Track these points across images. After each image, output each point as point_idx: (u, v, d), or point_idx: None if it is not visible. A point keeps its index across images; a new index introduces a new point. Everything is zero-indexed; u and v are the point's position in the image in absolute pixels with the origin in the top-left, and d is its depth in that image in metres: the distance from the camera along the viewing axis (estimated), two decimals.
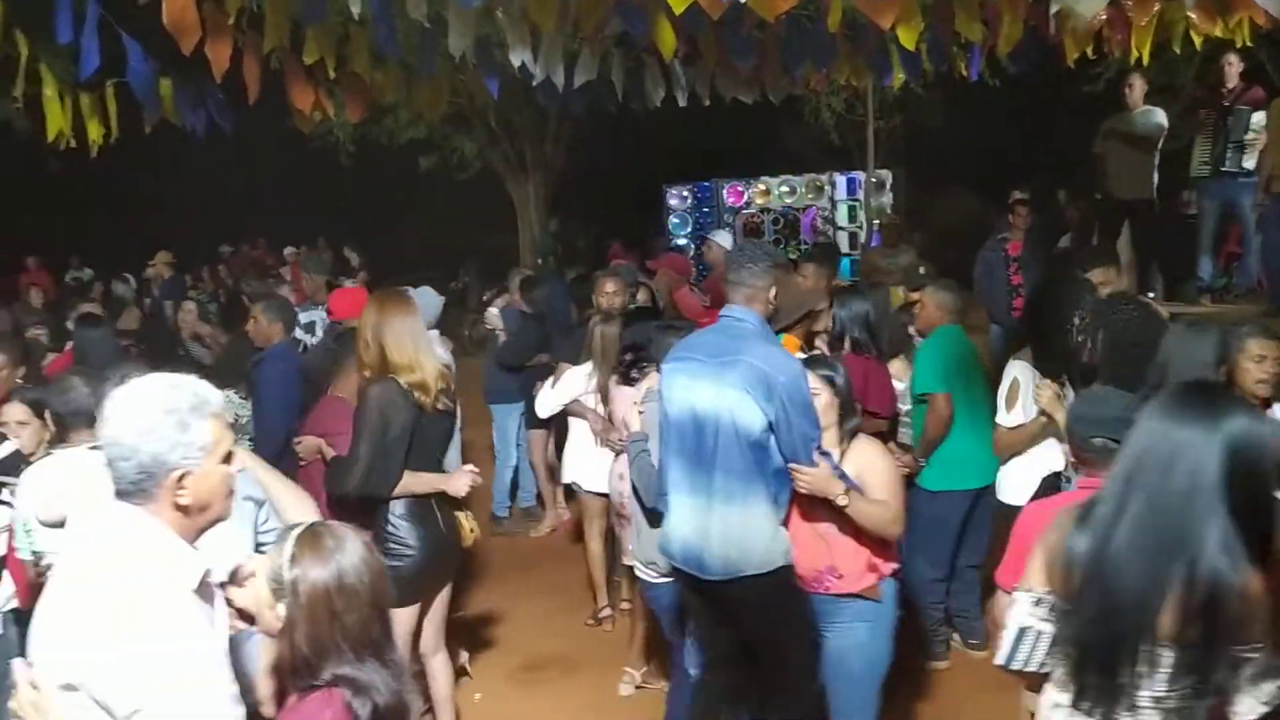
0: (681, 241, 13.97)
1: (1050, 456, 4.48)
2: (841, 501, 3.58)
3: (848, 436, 3.83)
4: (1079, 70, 7.59)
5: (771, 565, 3.61)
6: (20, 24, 5.75)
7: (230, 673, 2.08)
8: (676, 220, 14.15)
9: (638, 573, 4.74)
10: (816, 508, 3.68)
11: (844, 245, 13.13)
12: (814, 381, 3.71)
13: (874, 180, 13.27)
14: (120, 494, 2.10)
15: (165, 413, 2.07)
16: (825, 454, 3.63)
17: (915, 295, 5.64)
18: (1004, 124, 17.06)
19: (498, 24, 6.76)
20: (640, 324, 5.72)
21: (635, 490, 4.40)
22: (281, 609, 2.16)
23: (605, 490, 5.84)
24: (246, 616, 2.27)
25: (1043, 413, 4.35)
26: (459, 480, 4.16)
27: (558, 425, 6.78)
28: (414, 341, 4.16)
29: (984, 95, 12.65)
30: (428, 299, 6.71)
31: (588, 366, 5.95)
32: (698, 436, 3.64)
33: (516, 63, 6.20)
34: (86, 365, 5.00)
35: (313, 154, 15.98)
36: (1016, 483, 4.66)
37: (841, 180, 14.03)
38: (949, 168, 17.33)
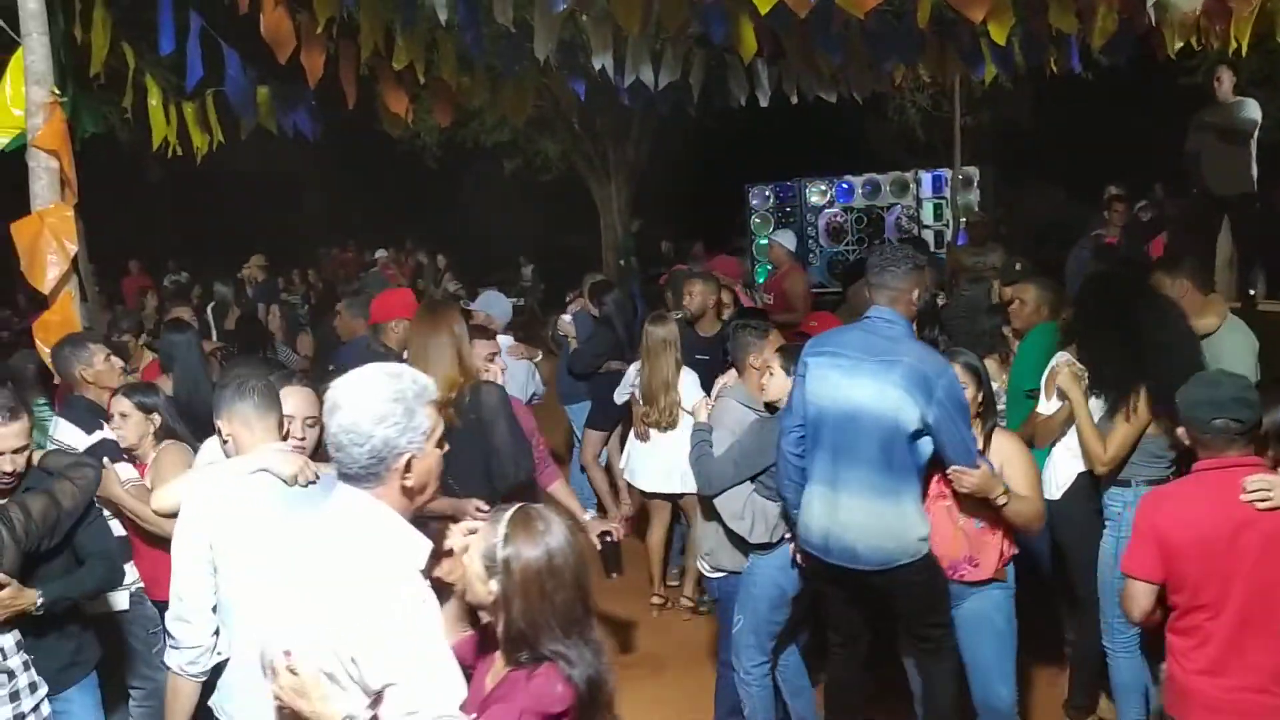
0: (764, 241, 13.94)
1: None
2: (1001, 501, 3.71)
3: (987, 430, 3.95)
4: (1174, 62, 7.36)
5: (922, 553, 3.74)
6: (127, 38, 5.98)
7: None
8: (758, 220, 14.10)
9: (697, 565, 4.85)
10: (966, 503, 3.80)
11: (930, 244, 12.92)
12: (961, 375, 3.79)
13: (960, 177, 13.05)
14: (348, 478, 2.24)
15: (394, 400, 2.21)
16: (981, 455, 3.75)
17: (1009, 292, 5.52)
18: (1095, 118, 16.62)
19: (581, 27, 6.84)
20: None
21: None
22: (494, 585, 2.26)
23: (662, 489, 6.01)
24: (443, 588, 2.40)
25: (1061, 395, 4.32)
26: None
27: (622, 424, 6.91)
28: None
29: (1074, 89, 12.35)
30: (498, 303, 6.78)
31: (637, 364, 6.08)
32: (853, 432, 3.73)
33: (599, 66, 6.26)
34: (171, 370, 5.14)
35: (400, 158, 16.29)
36: (1061, 479, 4.57)
37: (927, 178, 13.80)
38: (1038, 163, 16.94)
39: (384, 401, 2.20)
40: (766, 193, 14.19)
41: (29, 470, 3.33)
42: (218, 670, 3.05)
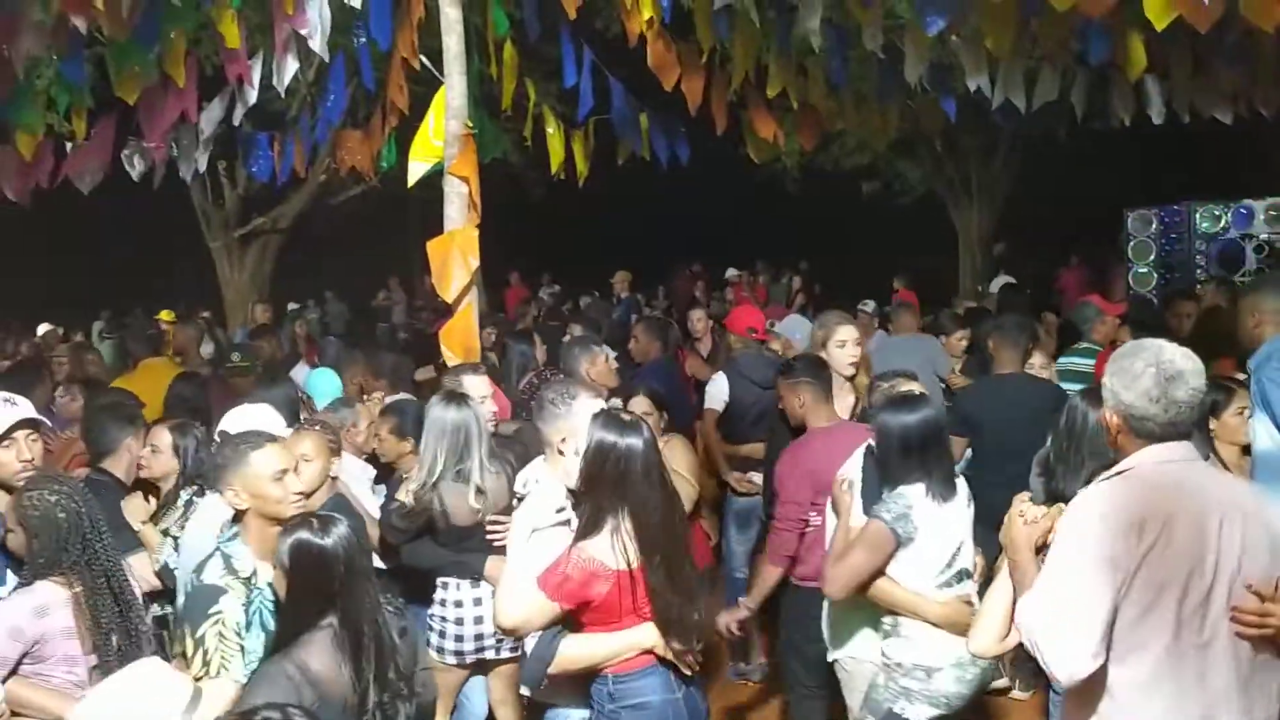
0: (1143, 270, 12.89)
1: None
2: None
3: None
4: None
5: None
6: (529, 73, 6.65)
7: None
8: (1137, 247, 13.05)
9: None
10: None
11: None
12: None
13: None
14: None
15: None
16: None
17: None
18: None
19: (951, 49, 6.71)
20: None
21: None
22: None
23: None
24: None
25: None
26: None
27: None
28: None
29: None
30: (800, 328, 6.72)
31: None
32: None
33: (973, 86, 6.12)
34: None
35: (760, 181, 16.67)
36: None
37: None
38: None
39: None
40: (1149, 217, 13.11)
41: None
42: None
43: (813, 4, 5.50)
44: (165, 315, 11.59)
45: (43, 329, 10.80)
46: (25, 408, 3.61)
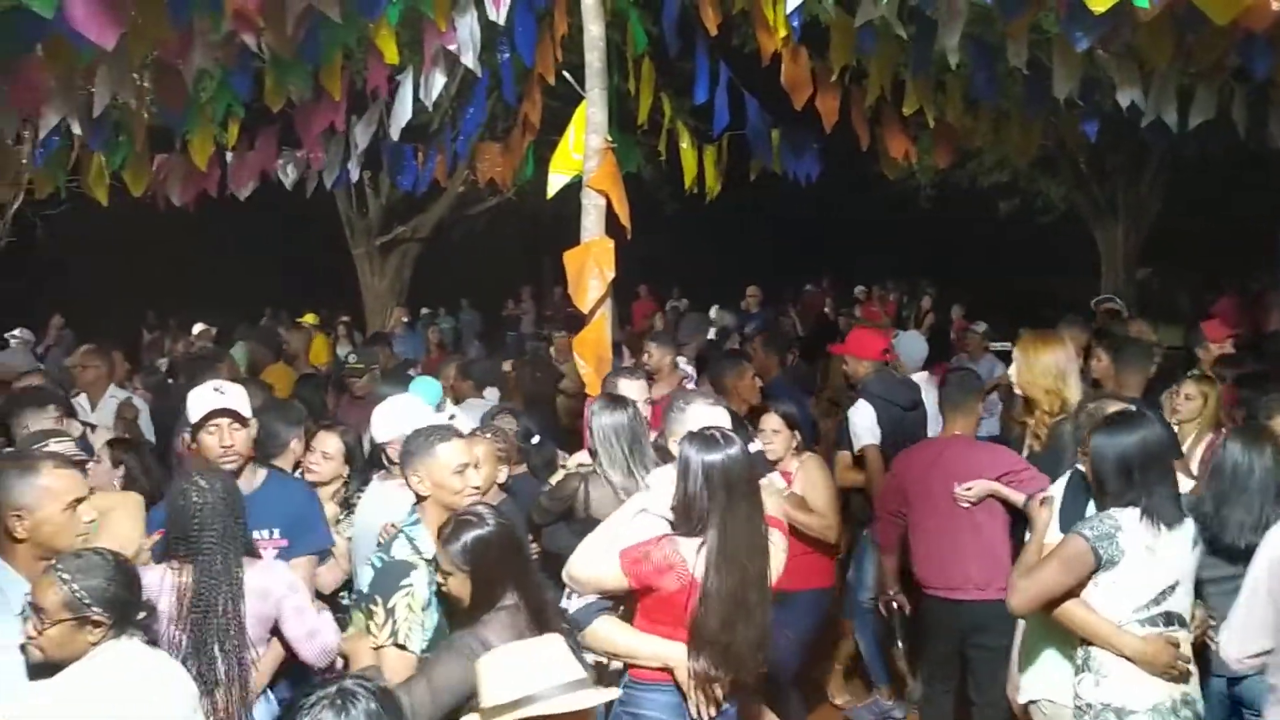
0: None
1: None
2: None
3: None
4: None
5: None
6: (664, 89, 6.73)
7: None
8: None
9: None
10: None
11: None
12: None
13: None
14: None
15: None
16: None
17: None
18: None
19: (1100, 64, 6.51)
20: None
21: None
22: None
23: None
24: None
25: None
26: None
27: None
28: None
29: None
30: (914, 344, 6.59)
31: None
32: None
33: (1125, 103, 5.92)
34: None
35: (892, 198, 16.43)
36: None
37: None
38: None
39: None
40: None
41: None
42: None
43: (954, 19, 5.39)
44: (309, 318, 12.10)
45: (197, 328, 11.38)
46: (234, 396, 3.84)
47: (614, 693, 2.88)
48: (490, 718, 2.40)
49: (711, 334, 9.93)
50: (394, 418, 4.22)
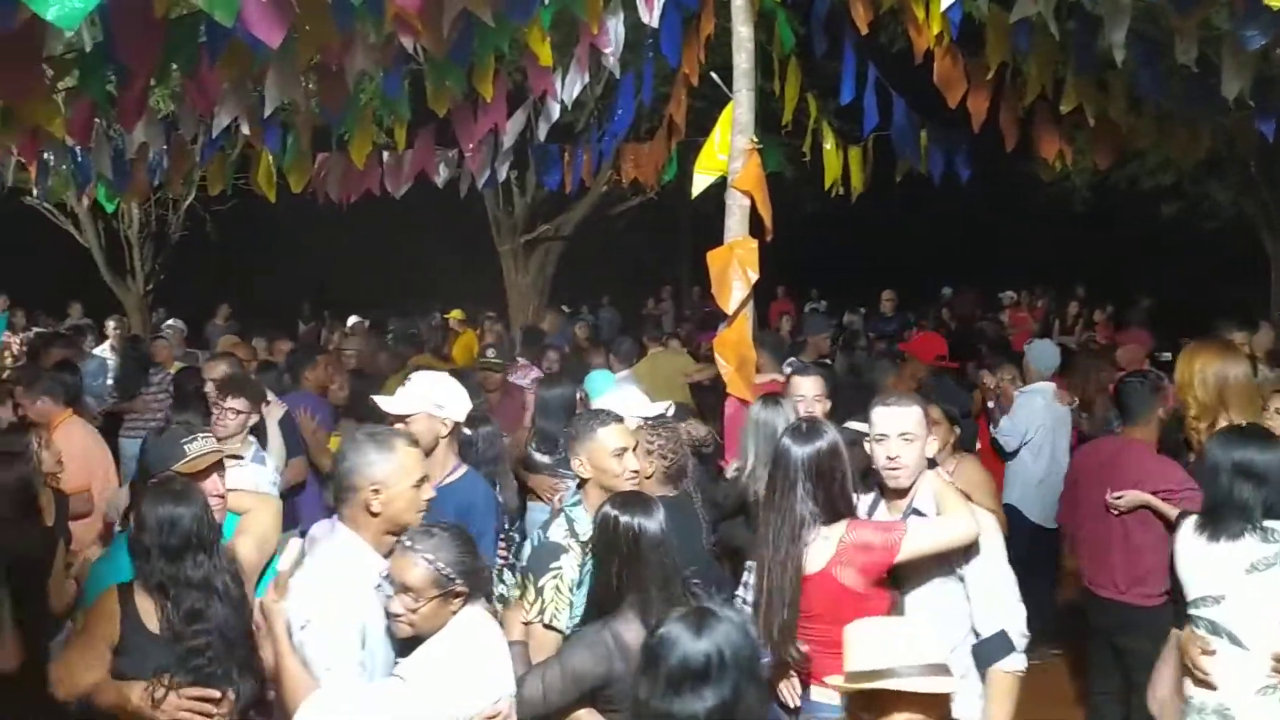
0: None
1: None
2: None
3: None
4: None
5: None
6: (809, 90, 6.67)
7: None
8: None
9: None
10: None
11: None
12: None
13: None
14: None
15: None
16: None
17: None
18: None
19: (1276, 63, 6.15)
20: None
21: None
22: None
23: None
24: None
25: None
26: None
27: None
28: None
29: None
30: (1046, 352, 6.42)
31: None
32: None
33: None
34: None
35: (1046, 200, 15.87)
36: None
37: None
38: None
39: None
40: None
41: None
42: None
43: (1120, 14, 5.17)
44: (455, 314, 12.43)
45: (352, 320, 11.85)
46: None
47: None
48: (852, 683, 2.43)
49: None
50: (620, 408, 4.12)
